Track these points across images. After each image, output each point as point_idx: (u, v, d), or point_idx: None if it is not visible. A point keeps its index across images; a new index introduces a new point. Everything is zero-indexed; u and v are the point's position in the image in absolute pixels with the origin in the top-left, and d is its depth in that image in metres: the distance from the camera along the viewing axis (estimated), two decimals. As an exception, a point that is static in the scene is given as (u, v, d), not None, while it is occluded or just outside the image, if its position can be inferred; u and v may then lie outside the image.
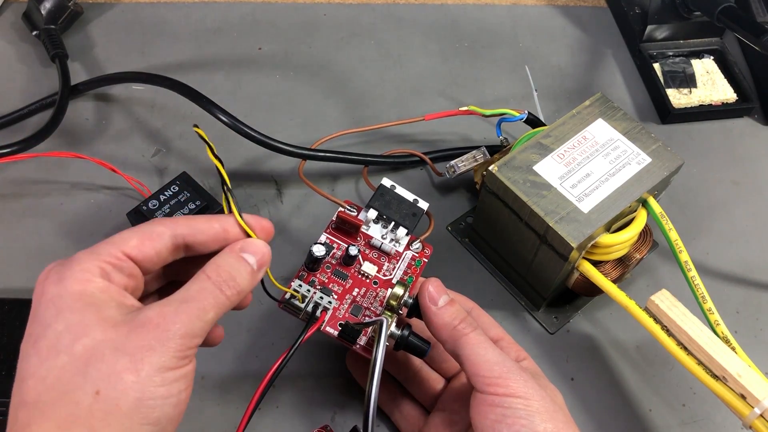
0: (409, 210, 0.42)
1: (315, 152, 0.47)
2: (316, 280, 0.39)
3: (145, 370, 0.25)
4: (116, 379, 0.25)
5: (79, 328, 0.25)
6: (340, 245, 0.41)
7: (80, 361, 0.25)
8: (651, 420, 0.42)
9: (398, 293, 0.36)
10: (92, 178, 0.50)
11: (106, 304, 0.26)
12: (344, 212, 0.41)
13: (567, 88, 0.58)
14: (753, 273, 0.49)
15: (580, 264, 0.41)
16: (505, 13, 0.64)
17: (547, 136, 0.42)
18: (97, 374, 0.25)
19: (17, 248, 0.47)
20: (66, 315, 0.26)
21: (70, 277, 0.26)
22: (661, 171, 0.41)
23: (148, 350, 0.25)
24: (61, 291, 0.26)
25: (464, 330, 0.34)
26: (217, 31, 0.60)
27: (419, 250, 0.42)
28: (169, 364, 0.26)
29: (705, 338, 0.37)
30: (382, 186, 0.42)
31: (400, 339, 0.36)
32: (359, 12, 0.63)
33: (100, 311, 0.26)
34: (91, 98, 0.55)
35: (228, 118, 0.45)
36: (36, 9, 0.56)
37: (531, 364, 0.37)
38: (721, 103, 0.57)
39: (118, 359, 0.25)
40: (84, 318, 0.26)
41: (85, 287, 0.26)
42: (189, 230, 0.29)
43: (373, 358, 0.33)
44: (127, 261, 0.28)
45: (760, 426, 0.35)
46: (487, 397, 0.33)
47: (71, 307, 0.26)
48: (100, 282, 0.27)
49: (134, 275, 0.28)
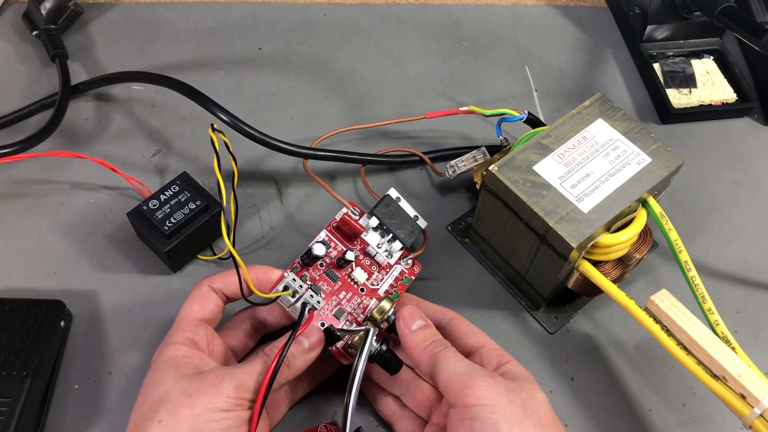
0: (409, 226, 0.43)
1: (315, 151, 0.47)
2: (308, 275, 0.39)
3: (198, 408, 0.32)
4: (176, 413, 0.32)
5: (160, 382, 0.34)
6: (337, 245, 0.41)
7: (155, 402, 0.33)
8: (651, 420, 0.42)
9: (385, 307, 0.38)
10: (92, 178, 0.50)
11: (185, 365, 0.34)
12: (349, 216, 0.41)
13: (567, 88, 0.58)
14: (753, 273, 0.49)
15: (580, 264, 0.41)
16: (505, 13, 0.64)
17: (547, 136, 0.42)
18: (163, 409, 0.32)
19: (17, 248, 0.47)
20: (154, 375, 0.34)
21: (164, 348, 0.36)
22: (661, 171, 0.41)
23: (204, 394, 0.33)
24: (157, 360, 0.35)
25: (435, 349, 0.36)
26: (217, 31, 0.60)
27: (408, 267, 0.42)
28: (221, 406, 0.32)
29: (705, 338, 0.37)
30: (388, 197, 0.43)
31: (376, 352, 0.37)
32: (359, 12, 0.63)
33: (178, 369, 0.34)
34: (91, 98, 0.55)
35: (228, 117, 0.45)
36: (36, 9, 0.56)
37: (514, 368, 0.36)
38: (721, 103, 0.57)
39: (181, 399, 0.33)
40: (165, 375, 0.34)
41: (173, 354, 0.35)
42: (222, 284, 0.38)
43: (354, 366, 0.35)
44: (200, 323, 0.37)
45: (760, 426, 0.35)
46: (459, 410, 0.33)
47: (159, 368, 0.34)
48: (185, 349, 0.35)
49: (210, 329, 0.38)
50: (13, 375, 0.38)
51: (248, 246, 0.48)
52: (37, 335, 0.40)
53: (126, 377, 0.42)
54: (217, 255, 0.47)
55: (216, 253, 0.47)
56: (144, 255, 0.46)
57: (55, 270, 0.46)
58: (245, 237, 0.48)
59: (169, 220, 0.43)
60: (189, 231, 0.44)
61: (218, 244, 0.47)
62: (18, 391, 0.37)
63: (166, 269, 0.46)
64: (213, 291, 0.38)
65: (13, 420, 0.36)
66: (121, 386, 0.41)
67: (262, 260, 0.47)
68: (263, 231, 0.49)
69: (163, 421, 0.32)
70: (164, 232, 0.43)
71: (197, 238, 0.45)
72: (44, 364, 0.39)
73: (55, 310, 0.42)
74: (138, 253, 0.47)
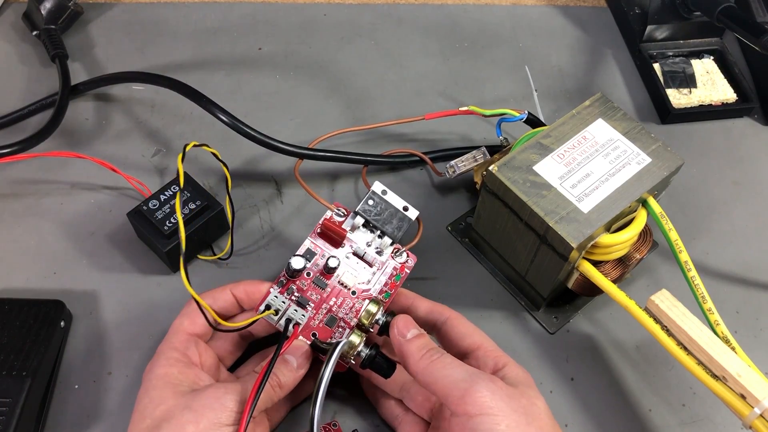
0: (398, 219, 0.41)
1: (314, 152, 0.47)
2: (294, 287, 0.39)
3: (203, 423, 0.32)
4: (180, 428, 0.32)
5: (160, 400, 0.34)
6: (323, 251, 0.40)
7: (158, 419, 0.33)
8: (651, 420, 0.42)
9: (372, 310, 0.38)
10: (92, 178, 0.50)
11: (182, 383, 0.35)
12: (329, 221, 0.40)
13: (567, 88, 0.58)
14: (753, 273, 0.49)
15: (580, 264, 0.41)
16: (505, 13, 0.64)
17: (547, 136, 0.42)
18: (167, 426, 0.32)
19: (17, 248, 0.47)
20: (151, 392, 0.34)
21: (157, 364, 0.35)
22: (661, 171, 0.41)
23: (209, 409, 0.33)
24: (150, 376, 0.35)
25: (431, 357, 0.35)
26: (217, 31, 0.60)
27: (402, 262, 0.41)
28: (225, 420, 0.33)
29: (705, 338, 0.37)
30: (372, 192, 0.42)
31: (366, 357, 0.37)
32: (359, 12, 0.63)
33: (176, 387, 0.34)
34: (91, 98, 0.55)
35: (228, 118, 0.45)
36: (36, 9, 0.56)
37: (513, 371, 0.35)
38: (721, 103, 0.57)
39: (185, 414, 0.33)
40: (164, 392, 0.34)
41: (167, 371, 0.35)
42: (212, 300, 0.39)
43: (319, 378, 0.34)
44: (191, 338, 0.37)
45: (760, 426, 0.35)
46: (460, 420, 0.32)
47: (156, 386, 0.34)
48: (179, 366, 0.35)
49: (201, 344, 0.38)
50: (13, 375, 0.38)
51: (248, 246, 0.48)
52: (37, 335, 0.40)
53: (126, 377, 0.42)
54: (217, 255, 0.47)
55: (216, 253, 0.47)
56: (144, 255, 0.46)
57: (55, 270, 0.46)
58: (245, 237, 0.48)
59: (169, 220, 0.43)
60: (189, 231, 0.44)
61: (218, 244, 0.47)
62: (18, 391, 0.37)
63: (166, 269, 0.46)
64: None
65: (13, 420, 0.36)
66: (121, 386, 0.41)
67: (262, 260, 0.47)
68: (263, 231, 0.49)
69: None
70: (164, 232, 0.43)
71: (197, 238, 0.45)
72: (44, 364, 0.39)
73: (55, 310, 0.42)
74: (138, 253, 0.47)
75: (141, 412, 0.34)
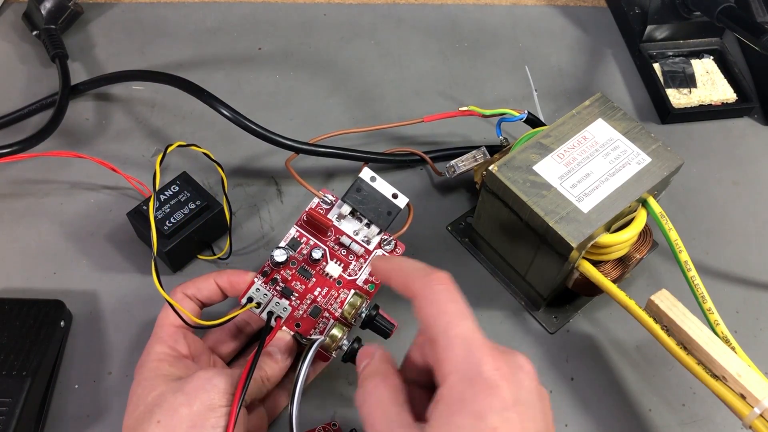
0: (385, 207, 0.40)
1: (316, 147, 0.47)
2: (279, 277, 0.39)
3: (197, 405, 0.33)
4: (174, 412, 0.33)
5: (151, 387, 0.34)
6: (309, 240, 0.40)
7: (150, 405, 0.33)
8: (651, 420, 0.42)
9: (356, 303, 0.38)
10: (92, 178, 0.50)
11: (173, 374, 0.35)
12: (314, 210, 0.40)
13: (567, 88, 0.58)
14: (753, 273, 0.49)
15: (580, 264, 0.41)
16: (505, 13, 0.64)
17: (547, 136, 0.42)
18: (160, 410, 0.33)
19: (17, 248, 0.47)
20: (143, 383, 0.35)
21: (147, 358, 0.36)
22: (661, 171, 0.41)
23: (201, 390, 0.33)
24: (141, 370, 0.36)
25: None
26: (217, 31, 0.60)
27: (389, 250, 0.41)
28: (218, 402, 0.33)
29: (705, 338, 0.37)
30: (359, 179, 0.41)
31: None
32: (359, 12, 0.63)
33: (166, 377, 0.35)
34: (91, 98, 0.55)
35: (230, 112, 0.45)
36: (36, 9, 0.56)
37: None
38: (721, 103, 0.57)
39: (178, 398, 0.33)
40: (155, 381, 0.34)
41: (157, 364, 0.36)
42: (195, 290, 0.39)
43: (295, 377, 0.35)
44: (179, 330, 0.37)
45: (760, 426, 0.35)
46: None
47: (147, 377, 0.35)
48: (169, 359, 0.36)
49: (189, 335, 0.38)
50: (13, 375, 0.38)
51: (248, 246, 0.48)
52: (37, 335, 0.40)
53: (126, 377, 0.42)
54: (217, 255, 0.47)
55: (216, 253, 0.47)
56: (144, 255, 0.46)
57: (55, 270, 0.46)
58: (245, 237, 0.48)
59: (169, 220, 0.43)
60: (189, 231, 0.44)
61: (218, 244, 0.47)
62: (18, 391, 0.37)
63: (166, 269, 0.46)
64: (187, 297, 0.38)
65: (13, 420, 0.36)
66: (121, 386, 0.41)
67: (262, 260, 0.47)
68: (263, 231, 0.49)
69: (161, 422, 0.32)
70: (164, 232, 0.43)
71: (197, 238, 0.45)
72: (44, 364, 0.39)
73: (55, 310, 0.42)
74: (138, 253, 0.47)
75: (134, 402, 0.34)
